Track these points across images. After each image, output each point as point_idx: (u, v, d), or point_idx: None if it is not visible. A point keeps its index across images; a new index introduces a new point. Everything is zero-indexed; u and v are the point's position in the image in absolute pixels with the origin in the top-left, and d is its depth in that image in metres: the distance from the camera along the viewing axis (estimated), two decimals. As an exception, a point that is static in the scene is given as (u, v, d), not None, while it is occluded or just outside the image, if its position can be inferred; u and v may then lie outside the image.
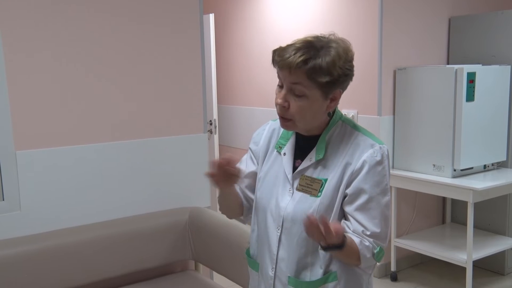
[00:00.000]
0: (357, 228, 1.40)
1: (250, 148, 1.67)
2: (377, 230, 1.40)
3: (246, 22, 5.00)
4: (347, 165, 1.43)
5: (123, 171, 2.79)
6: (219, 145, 5.14)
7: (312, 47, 1.37)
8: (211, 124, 4.85)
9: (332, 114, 1.50)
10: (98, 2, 2.63)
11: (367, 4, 3.77)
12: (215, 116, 4.87)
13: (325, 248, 1.34)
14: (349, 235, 1.40)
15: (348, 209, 1.42)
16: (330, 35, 1.43)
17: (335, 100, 1.44)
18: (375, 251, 1.41)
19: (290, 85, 1.39)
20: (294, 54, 1.35)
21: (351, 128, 1.49)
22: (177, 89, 2.94)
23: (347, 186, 1.42)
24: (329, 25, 4.04)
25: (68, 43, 2.57)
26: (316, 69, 1.35)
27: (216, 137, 4.91)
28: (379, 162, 1.41)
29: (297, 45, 1.38)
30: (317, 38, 1.40)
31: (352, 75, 1.45)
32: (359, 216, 1.41)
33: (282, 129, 1.57)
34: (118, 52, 2.72)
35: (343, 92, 1.45)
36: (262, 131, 1.65)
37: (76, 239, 2.54)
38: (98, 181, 2.72)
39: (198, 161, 3.05)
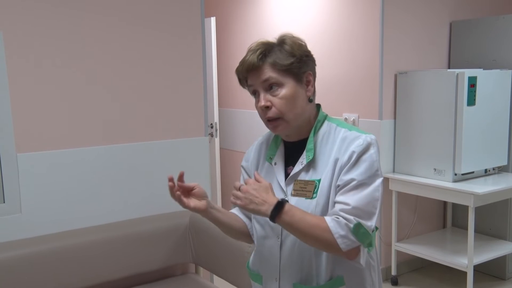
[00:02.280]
0: (336, 207, 1.37)
1: (242, 166, 1.67)
2: (359, 204, 1.35)
3: (248, 25, 5.01)
4: (336, 161, 1.42)
5: (125, 174, 2.79)
6: (220, 148, 5.14)
7: (267, 44, 1.43)
8: (212, 127, 4.86)
9: (316, 115, 1.51)
10: (99, 6, 2.64)
11: (368, 8, 3.77)
12: (216, 119, 4.88)
13: (271, 217, 1.35)
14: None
15: (336, 196, 1.40)
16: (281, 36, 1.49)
17: (310, 83, 1.47)
18: (351, 226, 1.33)
19: (263, 85, 1.42)
20: (251, 55, 1.41)
21: (336, 126, 1.49)
22: (178, 92, 2.95)
23: (338, 179, 1.41)
24: (330, 28, 4.05)
25: (69, 48, 2.58)
26: (278, 57, 1.40)
27: (217, 140, 4.92)
28: (365, 149, 1.40)
29: (252, 48, 1.43)
30: (269, 40, 1.46)
31: (314, 59, 1.49)
32: (342, 197, 1.37)
33: (270, 142, 1.58)
34: (119, 55, 2.73)
35: (314, 76, 1.48)
36: (252, 147, 1.67)
37: (76, 241, 2.54)
38: (99, 184, 2.72)
39: (199, 164, 3.05)
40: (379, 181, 1.40)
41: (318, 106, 1.54)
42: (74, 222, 2.65)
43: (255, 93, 1.46)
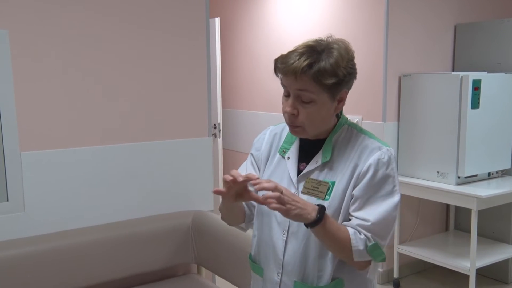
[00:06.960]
0: (354, 222, 1.39)
1: (251, 154, 1.66)
2: (377, 221, 1.38)
3: (252, 26, 5.01)
4: (355, 168, 1.42)
5: (128, 174, 2.80)
6: (223, 149, 5.15)
7: (314, 51, 1.37)
8: (215, 128, 4.86)
9: (338, 117, 1.50)
10: (104, 7, 2.65)
11: (373, 10, 3.77)
12: (220, 120, 4.88)
13: (308, 224, 1.33)
14: (344, 224, 1.40)
15: (352, 209, 1.41)
16: (328, 37, 1.43)
17: (343, 100, 1.45)
18: (369, 244, 1.37)
19: (296, 92, 1.39)
20: (298, 59, 1.35)
21: (357, 131, 1.50)
22: (182, 92, 2.95)
23: (354, 188, 1.41)
24: (335, 30, 4.04)
25: (74, 48, 2.58)
26: (321, 72, 1.34)
27: (220, 141, 4.92)
28: (386, 164, 1.41)
29: (300, 50, 1.37)
30: (317, 42, 1.40)
31: (356, 73, 1.46)
32: (361, 212, 1.39)
33: (284, 134, 1.58)
34: (123, 56, 2.73)
35: (348, 91, 1.46)
36: (263, 136, 1.65)
37: (79, 240, 2.55)
38: (103, 183, 2.72)
39: (202, 164, 3.06)
40: (397, 199, 1.43)
41: None
42: (77, 221, 2.66)
43: (287, 92, 1.42)
